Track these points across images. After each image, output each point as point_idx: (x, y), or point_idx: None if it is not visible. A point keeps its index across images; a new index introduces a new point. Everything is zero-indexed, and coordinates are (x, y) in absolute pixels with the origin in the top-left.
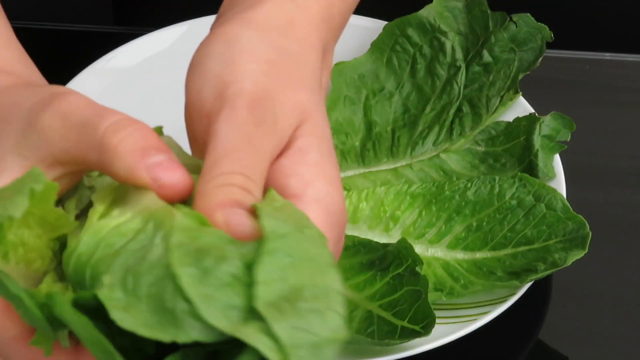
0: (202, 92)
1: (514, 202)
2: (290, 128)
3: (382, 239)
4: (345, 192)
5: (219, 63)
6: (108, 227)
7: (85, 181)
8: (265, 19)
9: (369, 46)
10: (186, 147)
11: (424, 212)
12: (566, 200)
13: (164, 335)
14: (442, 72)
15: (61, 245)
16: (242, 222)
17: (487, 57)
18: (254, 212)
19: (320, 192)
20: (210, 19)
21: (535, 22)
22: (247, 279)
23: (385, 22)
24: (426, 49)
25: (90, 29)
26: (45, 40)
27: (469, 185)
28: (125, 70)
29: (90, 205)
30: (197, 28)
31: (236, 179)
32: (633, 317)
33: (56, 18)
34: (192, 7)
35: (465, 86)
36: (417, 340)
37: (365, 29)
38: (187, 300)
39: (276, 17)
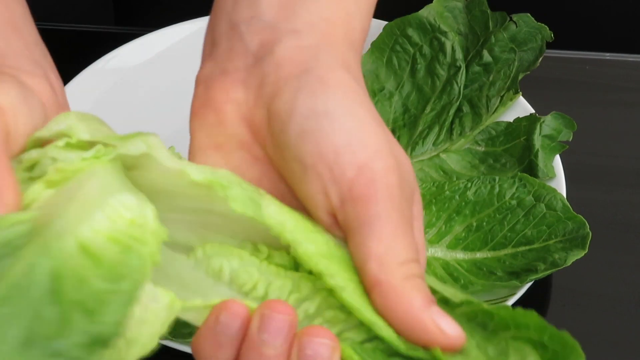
0: (341, 154)
1: (514, 202)
2: (414, 195)
3: None
4: None
5: (352, 122)
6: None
7: (51, 150)
8: (351, 66)
9: (368, 46)
10: (185, 148)
11: (424, 212)
12: (566, 200)
13: None
14: (442, 72)
15: None
16: (457, 331)
17: (487, 57)
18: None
19: (425, 259)
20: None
21: (535, 22)
22: None
23: (385, 22)
24: (426, 49)
25: (91, 29)
26: (45, 40)
27: (469, 185)
28: (125, 71)
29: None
30: (197, 28)
31: (415, 269)
32: (633, 316)
33: (57, 18)
34: (193, 7)
35: (465, 86)
36: None
37: None
38: None
39: (352, 62)
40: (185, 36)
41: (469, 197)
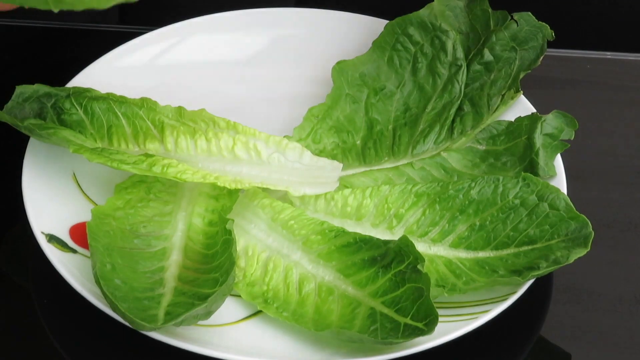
0: None
1: (517, 201)
2: None
3: (386, 237)
4: (349, 189)
5: None
6: None
7: None
8: None
9: (370, 45)
10: None
11: (427, 211)
12: (569, 200)
13: None
14: (443, 71)
15: None
16: None
17: (488, 55)
18: None
19: None
20: (211, 18)
21: (536, 20)
22: None
23: (387, 21)
24: (427, 48)
25: (95, 27)
26: (49, 39)
27: (473, 184)
28: (125, 69)
29: None
30: (199, 27)
31: None
32: (633, 315)
33: (61, 17)
34: (194, 6)
35: (467, 85)
36: (420, 338)
37: (366, 28)
38: None
39: None
40: (186, 35)
41: (472, 196)
